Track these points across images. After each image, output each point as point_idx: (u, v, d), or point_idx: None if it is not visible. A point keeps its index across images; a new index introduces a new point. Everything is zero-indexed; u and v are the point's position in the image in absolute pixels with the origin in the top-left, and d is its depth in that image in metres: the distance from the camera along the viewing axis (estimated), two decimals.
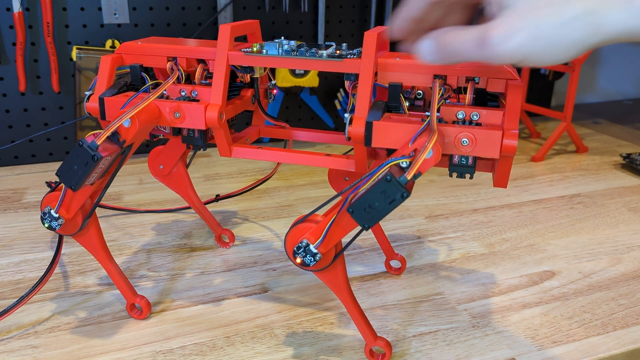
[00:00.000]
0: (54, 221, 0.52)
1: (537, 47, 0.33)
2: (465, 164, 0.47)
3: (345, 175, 0.60)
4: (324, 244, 0.46)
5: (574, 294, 0.64)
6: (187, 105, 0.51)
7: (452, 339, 0.56)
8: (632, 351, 0.55)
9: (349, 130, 0.47)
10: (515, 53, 0.33)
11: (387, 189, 0.41)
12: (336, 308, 0.60)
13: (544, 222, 0.83)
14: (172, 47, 0.54)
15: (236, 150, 0.55)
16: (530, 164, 1.09)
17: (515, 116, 0.45)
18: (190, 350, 0.53)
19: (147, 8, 1.00)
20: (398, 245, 0.74)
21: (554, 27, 0.33)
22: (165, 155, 0.66)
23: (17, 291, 0.62)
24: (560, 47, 0.33)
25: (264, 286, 0.64)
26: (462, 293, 0.64)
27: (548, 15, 0.33)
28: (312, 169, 1.00)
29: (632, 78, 1.65)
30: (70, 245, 0.72)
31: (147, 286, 0.64)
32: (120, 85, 0.54)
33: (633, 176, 1.02)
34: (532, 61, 0.34)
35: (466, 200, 0.90)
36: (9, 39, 0.94)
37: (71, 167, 0.47)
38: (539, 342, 0.55)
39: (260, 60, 0.51)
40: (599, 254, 0.73)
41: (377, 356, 0.52)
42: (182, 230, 0.77)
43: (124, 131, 0.48)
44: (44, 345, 0.54)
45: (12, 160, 1.01)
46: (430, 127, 0.44)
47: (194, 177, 0.91)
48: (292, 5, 1.07)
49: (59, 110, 1.00)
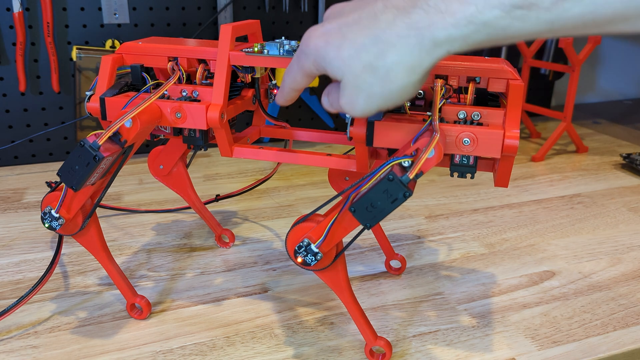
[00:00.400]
0: (54, 221, 0.52)
1: (376, 101, 0.39)
2: (466, 164, 0.47)
3: (345, 175, 0.60)
4: (325, 244, 0.46)
5: (574, 294, 0.64)
6: (189, 105, 0.51)
7: (452, 339, 0.56)
8: (632, 351, 0.55)
9: (350, 130, 0.47)
10: (366, 112, 0.40)
11: (389, 188, 0.41)
12: (336, 308, 0.60)
13: (544, 222, 0.83)
14: (173, 47, 0.54)
15: (237, 150, 0.55)
16: (530, 164, 1.09)
17: (516, 116, 0.45)
18: (190, 350, 0.53)
19: (147, 8, 1.00)
20: (398, 245, 0.74)
21: (377, 84, 0.38)
22: (165, 155, 0.66)
23: (17, 291, 0.62)
24: (393, 89, 0.38)
25: (264, 286, 0.64)
26: (462, 293, 0.64)
27: (367, 75, 0.38)
28: (312, 169, 1.00)
29: (632, 78, 1.65)
30: (70, 245, 0.72)
31: (147, 286, 0.64)
32: (121, 86, 0.54)
33: (633, 176, 1.02)
34: (384, 106, 0.40)
35: (466, 200, 0.90)
36: (9, 39, 0.94)
37: (72, 167, 0.47)
38: (539, 342, 0.55)
39: (261, 61, 0.51)
40: (599, 254, 0.73)
41: (377, 356, 0.52)
42: (182, 230, 0.77)
43: (126, 131, 0.48)
44: (44, 345, 0.54)
45: (12, 160, 1.01)
46: (432, 127, 0.44)
47: (194, 177, 0.92)
48: (292, 5, 1.07)
49: (59, 110, 1.00)
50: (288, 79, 0.44)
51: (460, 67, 0.47)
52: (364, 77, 0.38)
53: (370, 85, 0.38)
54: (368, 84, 0.38)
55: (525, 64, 1.19)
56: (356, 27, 0.38)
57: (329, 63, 0.39)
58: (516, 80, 0.46)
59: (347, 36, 0.38)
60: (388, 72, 0.37)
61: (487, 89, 0.48)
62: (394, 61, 0.37)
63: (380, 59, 0.37)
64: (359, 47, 0.38)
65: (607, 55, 1.59)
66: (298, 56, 0.42)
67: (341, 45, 0.38)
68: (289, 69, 0.44)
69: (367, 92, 0.39)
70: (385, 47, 0.37)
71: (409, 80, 0.38)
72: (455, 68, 0.47)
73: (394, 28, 0.36)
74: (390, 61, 0.37)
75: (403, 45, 0.36)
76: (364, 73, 0.38)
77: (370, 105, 0.39)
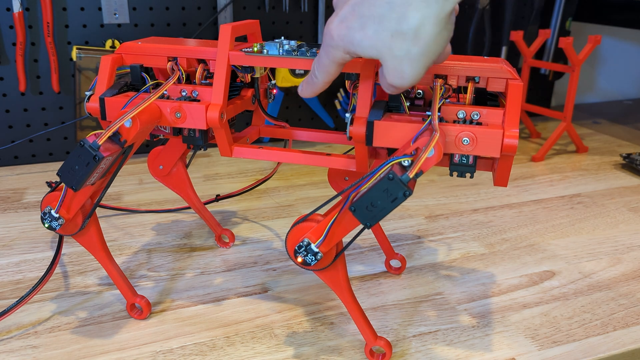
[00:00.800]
0: (54, 221, 0.52)
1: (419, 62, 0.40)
2: (465, 163, 0.47)
3: (345, 174, 0.60)
4: (325, 243, 0.46)
5: (574, 294, 0.64)
6: (188, 105, 0.51)
7: (452, 339, 0.56)
8: (632, 351, 0.55)
9: (350, 130, 0.47)
10: (416, 77, 0.41)
11: (389, 187, 0.41)
12: (336, 308, 0.60)
13: (544, 222, 0.83)
14: (173, 47, 0.54)
15: (237, 150, 0.55)
16: (530, 164, 1.09)
17: (515, 115, 0.45)
18: (190, 350, 0.53)
19: (147, 8, 1.00)
20: (398, 245, 0.74)
21: (412, 46, 0.39)
22: (165, 155, 0.66)
23: (17, 291, 0.62)
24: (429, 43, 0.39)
25: (264, 286, 0.64)
26: (462, 293, 0.64)
27: (399, 41, 0.39)
28: (312, 169, 1.00)
29: (632, 78, 1.65)
30: (70, 245, 0.72)
31: (147, 286, 0.64)
32: (120, 86, 0.54)
33: (633, 176, 1.02)
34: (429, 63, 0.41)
35: (466, 200, 0.90)
36: (9, 39, 0.94)
37: (72, 167, 0.47)
38: (539, 342, 0.55)
39: (261, 60, 0.51)
40: (599, 254, 0.73)
41: (378, 356, 0.52)
42: (182, 230, 0.77)
43: (125, 131, 0.48)
44: (44, 345, 0.54)
45: (12, 160, 1.01)
46: (431, 127, 0.44)
47: (194, 177, 0.92)
48: (292, 5, 1.07)
49: (59, 110, 1.00)
50: (321, 74, 0.44)
51: (459, 67, 0.47)
52: (398, 45, 0.38)
53: (407, 51, 0.38)
54: (404, 49, 0.38)
55: (525, 64, 1.19)
56: (367, 2, 0.38)
57: (358, 46, 0.40)
58: (515, 80, 0.46)
59: (364, 14, 0.39)
60: (416, 32, 0.38)
61: (487, 89, 0.48)
62: (416, 19, 0.37)
63: (404, 22, 0.38)
64: (379, 20, 0.38)
65: (607, 55, 1.59)
66: (326, 50, 0.42)
67: (363, 25, 0.39)
68: (320, 65, 0.44)
69: (406, 57, 0.39)
70: (403, 9, 0.37)
71: (438, 30, 0.38)
72: (455, 68, 0.47)
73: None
74: (413, 21, 0.37)
75: (418, 3, 0.37)
76: (395, 41, 0.38)
77: (416, 69, 0.40)
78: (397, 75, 0.40)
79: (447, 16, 0.38)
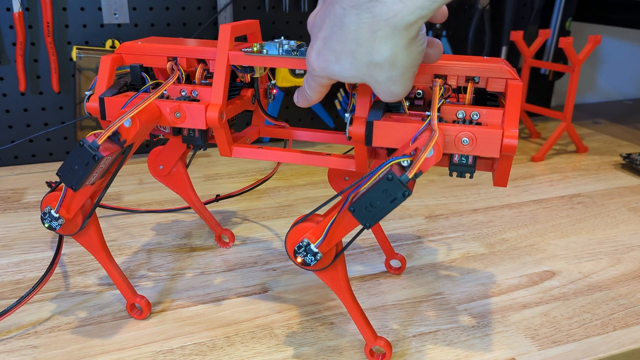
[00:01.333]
0: (54, 221, 0.52)
1: (404, 78, 0.41)
2: (465, 163, 0.47)
3: (345, 175, 0.60)
4: (324, 243, 0.46)
5: (574, 294, 0.64)
6: (188, 105, 0.51)
7: (452, 339, 0.56)
8: (632, 351, 0.55)
9: (349, 130, 0.47)
10: (407, 89, 0.42)
11: (388, 188, 0.41)
12: (336, 308, 0.60)
13: (544, 222, 0.83)
14: (173, 47, 0.54)
15: (236, 150, 0.55)
16: (530, 164, 1.09)
17: (515, 115, 0.45)
18: (190, 350, 0.53)
19: (147, 8, 1.00)
20: (398, 245, 0.74)
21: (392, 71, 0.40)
22: (165, 155, 0.66)
23: (17, 291, 0.62)
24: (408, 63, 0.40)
25: (264, 286, 0.64)
26: (462, 293, 0.64)
27: (377, 70, 0.40)
28: (312, 169, 1.00)
29: (632, 78, 1.65)
30: (70, 245, 0.72)
31: (147, 286, 0.64)
32: (120, 85, 0.54)
33: (633, 176, 1.02)
34: (415, 73, 0.42)
35: (466, 200, 0.90)
36: (9, 39, 0.94)
37: (72, 167, 0.47)
38: (539, 342, 0.55)
39: (260, 60, 0.51)
40: (599, 254, 0.73)
41: (377, 356, 0.52)
42: (182, 230, 0.77)
43: (125, 131, 0.48)
44: (44, 345, 0.54)
45: (12, 160, 1.01)
46: (431, 127, 0.44)
47: (194, 177, 0.92)
48: (292, 5, 1.07)
49: (59, 110, 1.00)
50: (313, 94, 0.46)
51: (459, 67, 0.47)
52: (376, 73, 0.39)
53: (388, 76, 0.40)
54: (385, 76, 0.40)
55: (525, 64, 1.19)
56: (335, 37, 0.39)
57: (340, 76, 0.41)
58: (515, 80, 0.46)
59: (336, 49, 0.40)
60: (391, 61, 0.39)
61: (486, 89, 0.48)
62: (387, 51, 0.38)
63: (376, 55, 0.38)
64: (351, 54, 0.39)
65: (607, 55, 1.59)
66: (312, 77, 0.44)
67: (338, 58, 0.40)
68: (310, 87, 0.45)
69: (390, 80, 0.40)
70: (370, 44, 0.38)
71: (410, 51, 0.39)
72: (454, 68, 0.47)
73: (364, 27, 0.37)
74: (385, 53, 0.38)
75: (383, 37, 0.37)
76: (373, 70, 0.39)
77: (403, 85, 0.41)
78: (387, 95, 0.42)
79: (414, 37, 0.38)
